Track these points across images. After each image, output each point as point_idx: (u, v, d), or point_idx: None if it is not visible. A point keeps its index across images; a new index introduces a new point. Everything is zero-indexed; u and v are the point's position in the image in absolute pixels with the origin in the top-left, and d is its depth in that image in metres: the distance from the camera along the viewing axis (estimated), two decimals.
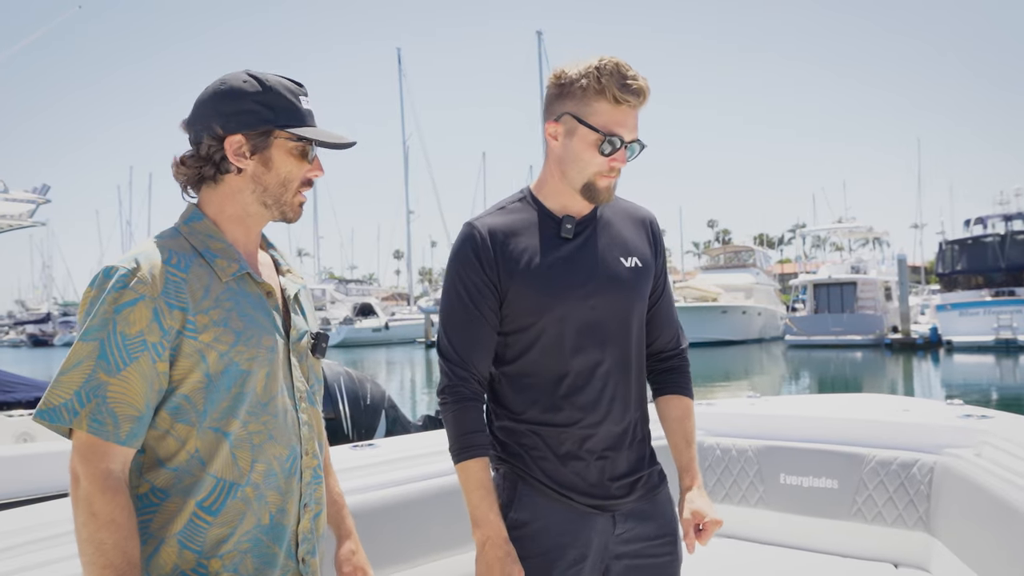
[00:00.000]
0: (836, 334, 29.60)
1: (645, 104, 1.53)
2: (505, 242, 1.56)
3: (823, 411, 2.95)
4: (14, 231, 6.14)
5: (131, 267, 1.21)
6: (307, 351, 1.39)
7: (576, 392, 1.56)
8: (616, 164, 1.53)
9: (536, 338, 1.56)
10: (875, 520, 2.62)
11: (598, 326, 1.57)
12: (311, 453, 1.36)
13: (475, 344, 1.56)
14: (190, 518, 1.23)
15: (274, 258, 1.44)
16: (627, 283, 1.60)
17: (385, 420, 5.16)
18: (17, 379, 5.63)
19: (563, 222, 1.58)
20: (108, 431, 1.17)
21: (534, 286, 1.54)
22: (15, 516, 1.92)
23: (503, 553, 1.49)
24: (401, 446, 2.59)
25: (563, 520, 1.56)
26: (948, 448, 2.54)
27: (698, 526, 1.59)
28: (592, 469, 1.57)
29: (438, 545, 2.30)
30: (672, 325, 1.74)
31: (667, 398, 1.72)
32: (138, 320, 1.19)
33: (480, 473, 1.53)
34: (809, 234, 46.85)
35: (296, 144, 1.31)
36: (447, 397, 1.56)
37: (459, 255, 1.57)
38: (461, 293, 1.56)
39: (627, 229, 1.65)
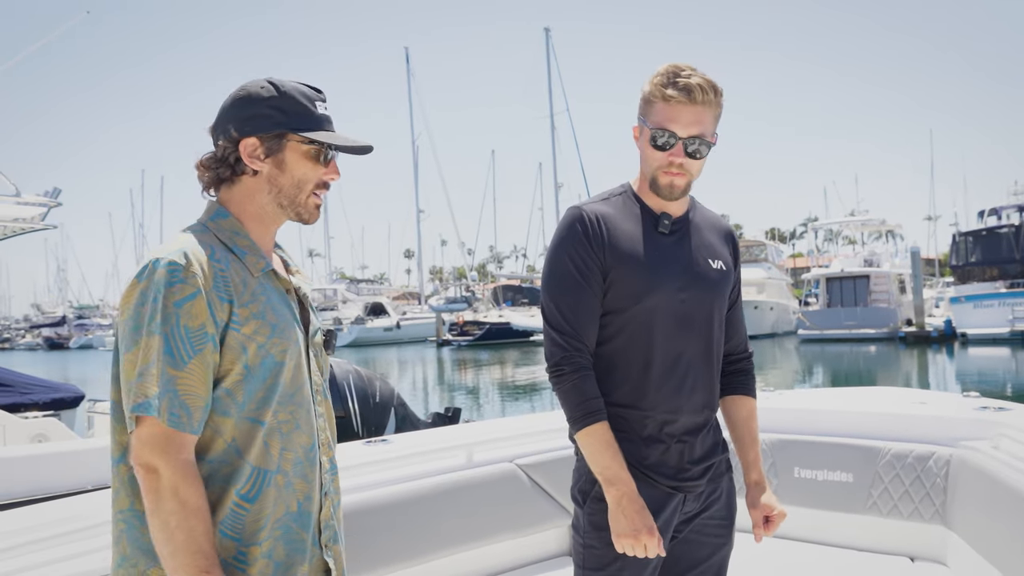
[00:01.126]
0: (849, 328, 29.43)
1: (708, 101, 1.59)
2: (612, 227, 1.65)
3: (837, 404, 2.92)
4: (26, 234, 6.19)
5: (182, 261, 1.24)
6: (321, 346, 1.46)
7: (661, 379, 1.64)
8: (674, 159, 1.60)
9: (628, 322, 1.64)
10: (891, 513, 2.60)
11: (686, 318, 1.65)
12: (327, 444, 1.42)
13: (586, 316, 1.63)
14: (231, 507, 1.27)
15: (283, 258, 1.50)
16: (714, 282, 1.70)
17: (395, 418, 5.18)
18: (34, 381, 5.69)
19: (661, 218, 1.68)
20: (183, 423, 1.22)
21: (635, 272, 1.62)
22: (33, 513, 1.94)
23: (639, 506, 1.57)
24: (413, 442, 2.60)
25: (647, 498, 1.62)
26: (965, 441, 2.52)
27: (766, 518, 1.74)
28: (672, 452, 1.65)
29: (449, 540, 2.30)
30: (741, 330, 1.86)
31: (734, 398, 1.83)
32: (199, 313, 1.23)
33: (606, 435, 1.60)
34: (821, 228, 46.59)
35: (309, 147, 1.36)
36: (564, 368, 1.61)
37: (569, 234, 1.64)
38: (571, 269, 1.63)
39: (713, 235, 1.76)
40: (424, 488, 2.30)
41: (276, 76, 1.40)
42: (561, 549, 2.71)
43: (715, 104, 1.60)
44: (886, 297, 30.63)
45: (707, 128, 1.60)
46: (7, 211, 5.88)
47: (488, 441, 2.64)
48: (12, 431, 4.58)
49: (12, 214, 5.90)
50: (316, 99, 1.38)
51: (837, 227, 43.84)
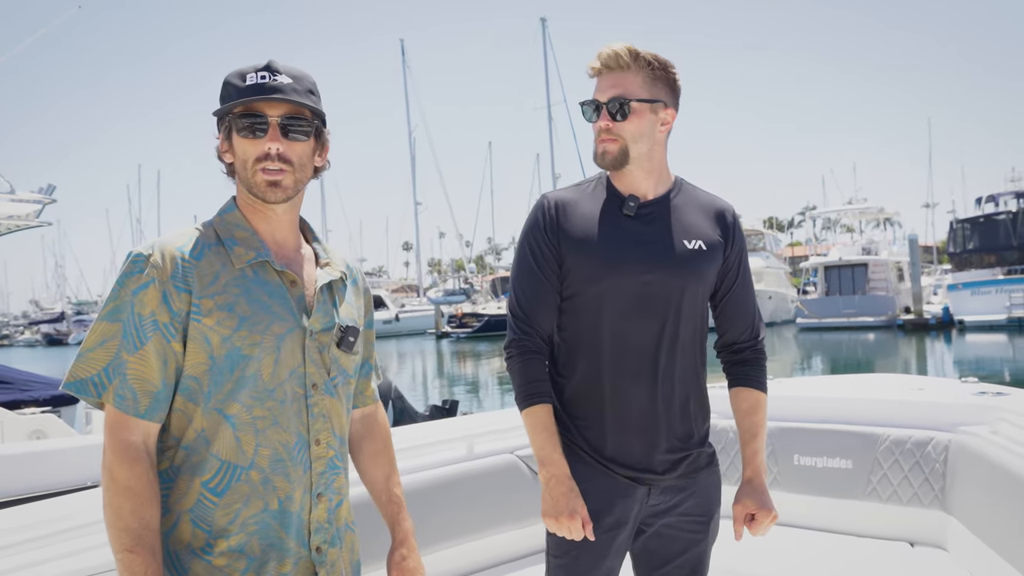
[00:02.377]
0: (848, 316, 29.49)
1: (625, 65, 1.61)
2: (569, 213, 1.65)
3: (836, 392, 2.93)
4: (21, 231, 6.18)
5: (147, 253, 1.29)
6: (331, 343, 1.38)
7: (620, 363, 1.62)
8: (600, 125, 1.64)
9: (585, 306, 1.63)
10: (890, 499, 2.60)
11: (649, 302, 1.62)
12: (324, 443, 1.36)
13: (538, 303, 1.65)
14: (198, 497, 1.28)
15: (315, 250, 1.46)
16: (685, 263, 1.64)
17: (392, 411, 5.18)
18: (33, 377, 5.68)
19: (627, 200, 1.66)
20: (128, 405, 1.25)
21: (588, 256, 1.62)
22: (30, 511, 1.94)
23: (566, 488, 1.56)
24: (408, 436, 2.59)
25: (601, 488, 1.61)
26: (963, 426, 2.52)
27: (751, 516, 1.67)
28: (633, 443, 1.62)
29: (450, 532, 2.30)
30: (746, 317, 1.76)
31: (737, 390, 1.76)
32: (149, 302, 1.27)
33: (545, 417, 1.61)
34: (819, 216, 46.60)
35: (240, 122, 1.31)
36: (512, 350, 1.66)
37: (530, 223, 1.68)
38: (528, 257, 1.67)
39: (696, 215, 1.71)
40: (425, 480, 2.30)
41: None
42: None
43: (638, 68, 1.61)
44: (884, 285, 30.67)
45: (629, 90, 1.60)
46: (1, 208, 5.87)
47: (488, 433, 2.64)
48: (10, 428, 4.58)
49: (6, 211, 5.89)
50: (249, 71, 1.33)
51: (835, 215, 43.89)
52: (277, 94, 1.30)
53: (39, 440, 4.31)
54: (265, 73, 1.32)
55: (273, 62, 1.35)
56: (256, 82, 1.31)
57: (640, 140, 1.62)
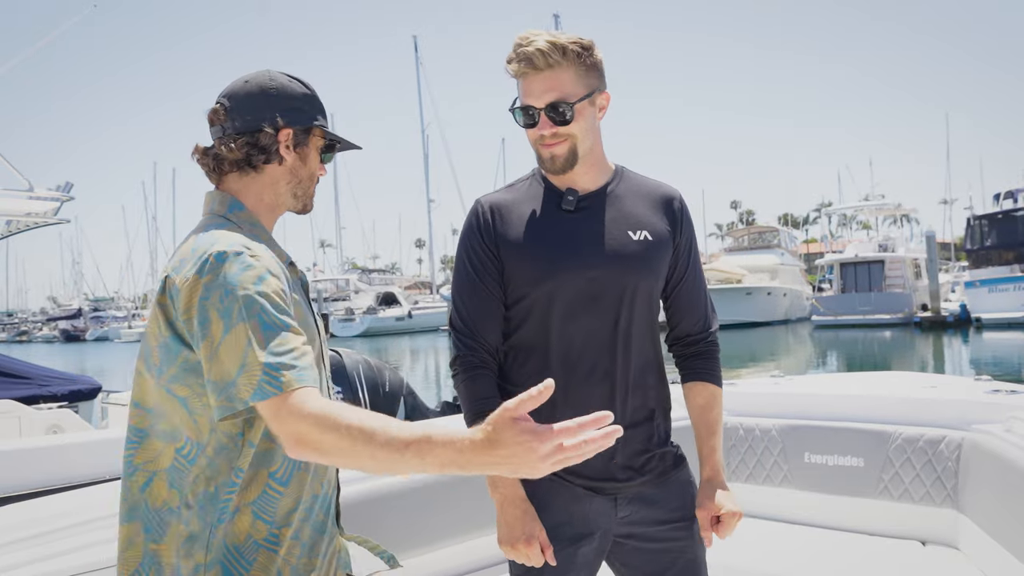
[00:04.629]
0: (864, 313, 29.24)
1: (556, 63, 1.47)
2: (505, 215, 1.58)
3: (847, 389, 2.91)
4: (39, 228, 6.25)
5: (243, 249, 1.23)
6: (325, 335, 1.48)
7: (571, 367, 1.54)
8: (542, 132, 1.51)
9: (531, 309, 1.56)
10: (902, 497, 2.59)
11: (597, 298, 1.54)
12: None
13: (482, 315, 1.57)
14: (264, 488, 1.28)
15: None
16: (632, 256, 1.56)
17: (404, 407, 5.20)
18: (52, 373, 5.75)
19: (565, 195, 1.58)
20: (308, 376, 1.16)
21: (529, 257, 1.54)
22: (48, 504, 1.96)
23: (520, 511, 1.49)
24: None
25: (559, 500, 1.55)
26: (976, 424, 2.50)
27: (717, 518, 1.56)
28: None
29: (455, 530, 2.31)
30: (698, 308, 1.68)
31: (690, 385, 1.68)
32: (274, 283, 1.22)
33: None
34: (835, 213, 46.26)
35: (322, 142, 1.46)
36: (457, 367, 1.58)
37: (465, 231, 1.61)
38: (467, 266, 1.59)
39: (640, 205, 1.61)
40: (431, 478, 2.31)
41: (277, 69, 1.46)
42: None
43: (569, 63, 1.48)
44: (901, 282, 30.39)
45: (566, 89, 1.48)
46: (20, 206, 5.94)
47: None
48: (28, 423, 4.64)
49: (25, 208, 5.95)
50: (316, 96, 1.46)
51: (851, 212, 43.54)
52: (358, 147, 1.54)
53: (56, 435, 4.37)
54: None
55: None
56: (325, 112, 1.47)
57: (586, 136, 1.54)
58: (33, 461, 3.36)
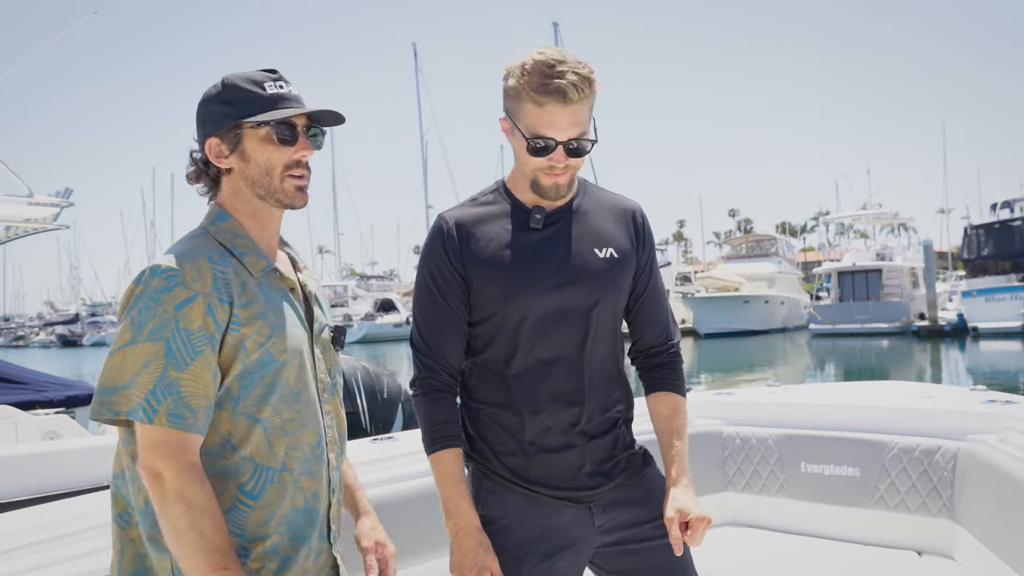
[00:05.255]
0: (861, 322, 29.27)
1: (584, 98, 1.45)
2: (471, 233, 1.55)
3: (843, 398, 2.92)
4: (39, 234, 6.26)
5: (179, 266, 1.25)
6: (329, 344, 1.44)
7: (536, 381, 1.54)
8: (555, 164, 1.49)
9: (499, 327, 1.54)
10: (898, 507, 2.60)
11: (565, 316, 1.54)
12: (333, 441, 1.42)
13: (444, 335, 1.55)
14: (233, 501, 1.28)
15: (290, 256, 1.49)
16: (599, 274, 1.56)
17: (402, 413, 5.21)
18: (48, 378, 5.74)
19: (532, 212, 1.56)
20: (188, 423, 1.22)
21: (498, 276, 1.52)
22: (44, 512, 1.96)
23: (475, 543, 1.48)
24: (410, 441, 2.60)
25: (532, 514, 1.55)
26: (972, 434, 2.51)
27: (685, 525, 1.51)
28: (559, 461, 1.55)
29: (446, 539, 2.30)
30: (660, 321, 1.68)
31: (656, 395, 1.67)
32: (197, 316, 1.24)
33: (451, 464, 1.53)
34: (833, 221, 46.41)
35: (266, 130, 1.32)
36: (417, 389, 1.57)
37: (428, 247, 1.58)
38: (430, 285, 1.56)
39: (605, 220, 1.62)
40: (430, 485, 2.31)
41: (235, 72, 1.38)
42: None
43: (589, 96, 1.46)
44: (898, 291, 30.45)
45: (585, 124, 1.47)
46: (20, 211, 5.95)
47: None
48: (24, 429, 4.63)
49: (24, 214, 5.96)
50: (265, 80, 1.35)
51: (849, 221, 43.67)
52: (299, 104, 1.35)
53: (53, 441, 4.36)
54: (281, 82, 1.35)
55: (278, 71, 1.37)
56: (277, 92, 1.34)
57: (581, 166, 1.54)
58: (30, 467, 3.36)
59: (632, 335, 1.71)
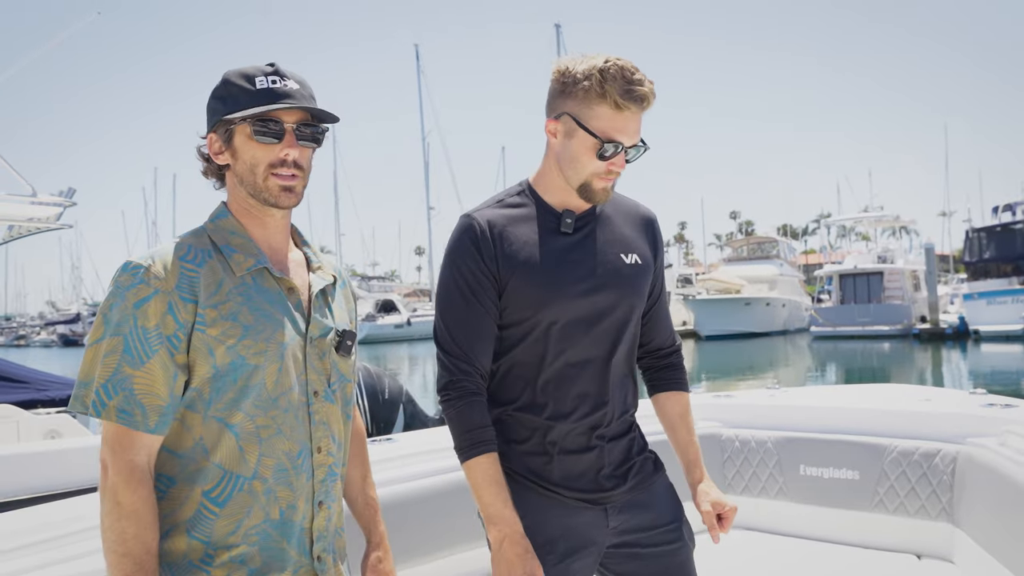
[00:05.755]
0: (863, 325, 29.24)
1: (650, 108, 1.50)
2: (504, 235, 1.53)
3: (843, 402, 2.92)
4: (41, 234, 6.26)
5: (147, 263, 1.24)
6: (330, 348, 1.38)
7: (563, 385, 1.55)
8: (615, 168, 1.51)
9: (529, 331, 1.54)
10: (897, 511, 2.60)
11: (594, 321, 1.56)
12: (324, 451, 1.35)
13: (477, 337, 1.53)
14: (198, 508, 1.25)
15: (307, 255, 1.44)
16: (627, 280, 1.59)
17: (403, 414, 5.21)
18: (49, 377, 5.74)
19: (563, 217, 1.57)
20: (137, 421, 1.21)
21: (534, 280, 1.52)
22: (45, 511, 1.96)
23: (522, 550, 1.45)
24: (419, 440, 2.61)
25: (552, 515, 1.55)
26: (971, 438, 2.51)
27: (718, 516, 1.62)
28: (579, 463, 1.57)
29: (456, 539, 2.31)
30: (668, 324, 1.76)
31: (667, 395, 1.74)
32: (154, 315, 1.22)
33: (490, 469, 1.49)
34: (834, 224, 46.28)
35: (251, 127, 1.28)
36: (450, 393, 1.52)
37: (458, 247, 1.54)
38: (461, 285, 1.53)
39: (628, 227, 1.65)
40: (429, 486, 2.31)
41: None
42: None
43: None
44: (900, 294, 30.42)
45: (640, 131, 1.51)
46: (23, 211, 5.95)
47: None
48: (26, 428, 4.63)
49: (28, 214, 5.96)
50: (257, 74, 1.30)
51: (850, 223, 43.55)
52: (291, 100, 1.29)
53: (54, 440, 4.36)
54: (275, 77, 1.30)
55: (278, 65, 1.32)
56: (268, 87, 1.29)
57: None
58: (31, 466, 3.36)
59: (643, 338, 1.74)
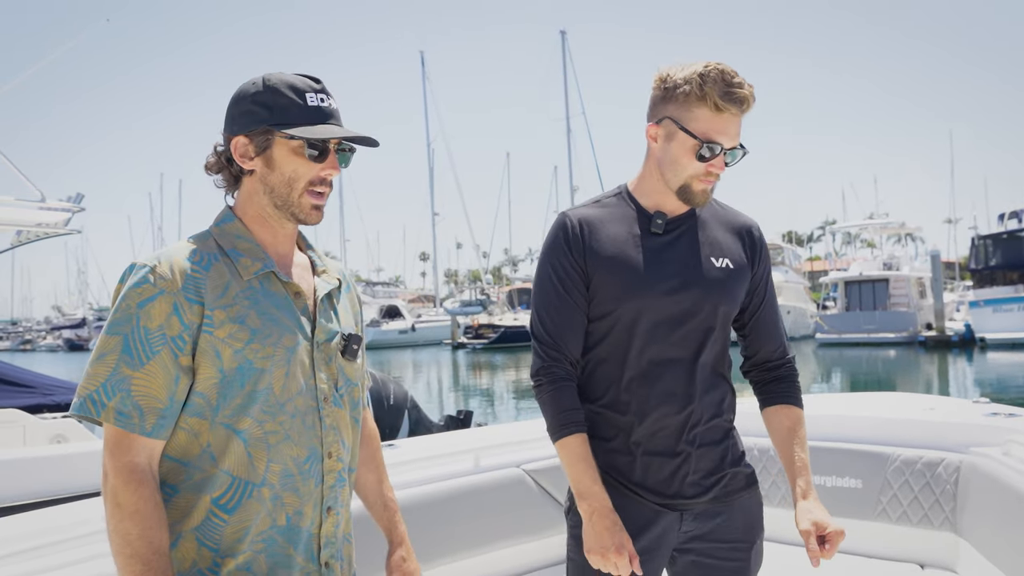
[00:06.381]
0: (868, 332, 29.15)
1: (750, 111, 1.54)
2: (594, 231, 1.60)
3: (846, 410, 2.92)
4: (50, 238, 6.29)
5: (152, 264, 1.25)
6: (336, 352, 1.38)
7: (647, 383, 1.57)
8: (714, 170, 1.55)
9: (613, 325, 1.58)
10: (900, 520, 2.59)
11: (679, 321, 1.58)
12: (335, 456, 1.35)
13: (567, 326, 1.59)
14: (206, 515, 1.25)
15: (311, 259, 1.44)
16: (715, 282, 1.60)
17: (408, 420, 5.22)
18: (55, 382, 5.76)
19: (654, 218, 1.62)
20: (134, 423, 1.20)
21: (618, 275, 1.57)
22: (51, 515, 1.97)
23: (610, 523, 1.50)
24: (420, 446, 2.62)
25: (629, 515, 1.57)
26: (975, 447, 2.51)
27: (821, 538, 1.56)
28: (663, 467, 1.58)
29: (455, 546, 2.31)
30: (776, 335, 1.73)
31: (775, 408, 1.71)
32: (158, 315, 1.22)
33: (580, 448, 1.55)
34: (839, 231, 46.27)
35: (299, 143, 1.29)
36: (542, 379, 1.59)
37: (552, 243, 1.62)
38: (553, 278, 1.60)
39: (722, 232, 1.67)
40: (430, 493, 2.32)
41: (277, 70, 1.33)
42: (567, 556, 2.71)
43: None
44: (906, 301, 30.32)
45: (740, 135, 1.55)
46: (32, 216, 5.97)
47: (495, 446, 2.66)
48: (32, 432, 4.66)
49: (36, 219, 5.98)
50: (308, 90, 1.30)
51: (855, 230, 43.52)
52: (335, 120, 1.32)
53: (60, 444, 4.38)
54: (323, 95, 1.32)
55: (322, 81, 1.34)
56: (318, 104, 1.30)
57: None
58: (37, 470, 3.38)
59: (747, 349, 1.74)
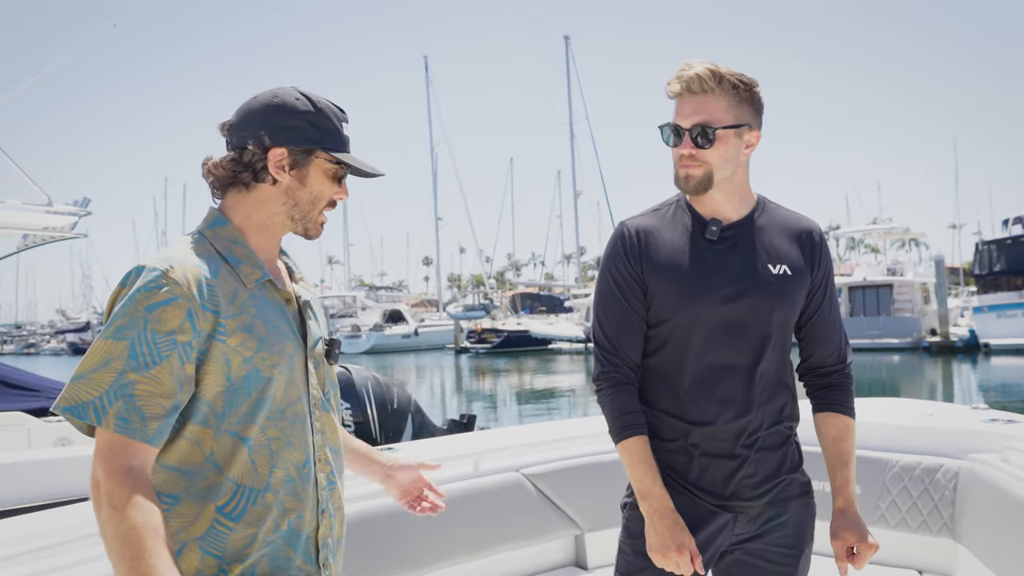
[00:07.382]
0: (872, 337, 29.07)
1: (710, 89, 1.55)
2: (651, 239, 1.63)
3: None
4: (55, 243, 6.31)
5: (164, 268, 1.22)
6: (322, 357, 1.41)
7: (705, 390, 1.59)
8: (682, 151, 1.59)
9: (671, 332, 1.61)
10: (899, 526, 2.60)
11: (736, 328, 1.59)
12: (324, 459, 1.38)
13: (626, 332, 1.62)
14: (211, 524, 1.24)
15: (287, 265, 1.47)
16: (772, 288, 1.61)
17: (411, 424, 5.24)
18: (59, 385, 5.78)
19: (709, 224, 1.63)
20: (135, 428, 1.17)
21: (674, 283, 1.59)
22: (56, 517, 1.99)
23: (671, 523, 1.53)
24: (420, 451, 2.63)
25: (685, 513, 1.58)
26: (973, 453, 2.51)
27: (851, 550, 1.60)
28: (720, 468, 1.59)
29: (454, 550, 2.32)
30: (833, 340, 1.71)
31: (824, 415, 1.71)
32: (171, 319, 1.20)
33: (641, 449, 1.58)
34: (843, 236, 46.21)
35: (332, 167, 1.37)
36: (602, 383, 1.63)
37: (611, 251, 1.66)
38: (612, 285, 1.64)
39: (780, 237, 1.66)
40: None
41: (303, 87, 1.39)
42: (567, 559, 2.72)
43: (722, 91, 1.55)
44: (910, 306, 30.23)
45: (714, 116, 1.55)
46: (38, 220, 5.99)
47: (495, 450, 2.67)
48: (36, 435, 4.67)
49: (43, 223, 6.00)
50: (343, 119, 1.40)
51: (859, 235, 43.46)
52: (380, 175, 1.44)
53: (64, 447, 4.40)
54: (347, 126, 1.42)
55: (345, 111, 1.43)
56: (347, 135, 1.41)
57: (724, 166, 1.58)
58: (42, 473, 3.40)
59: (803, 353, 1.74)
